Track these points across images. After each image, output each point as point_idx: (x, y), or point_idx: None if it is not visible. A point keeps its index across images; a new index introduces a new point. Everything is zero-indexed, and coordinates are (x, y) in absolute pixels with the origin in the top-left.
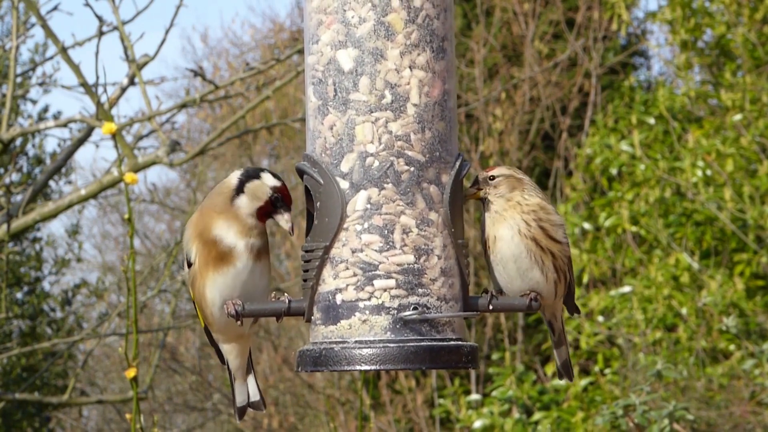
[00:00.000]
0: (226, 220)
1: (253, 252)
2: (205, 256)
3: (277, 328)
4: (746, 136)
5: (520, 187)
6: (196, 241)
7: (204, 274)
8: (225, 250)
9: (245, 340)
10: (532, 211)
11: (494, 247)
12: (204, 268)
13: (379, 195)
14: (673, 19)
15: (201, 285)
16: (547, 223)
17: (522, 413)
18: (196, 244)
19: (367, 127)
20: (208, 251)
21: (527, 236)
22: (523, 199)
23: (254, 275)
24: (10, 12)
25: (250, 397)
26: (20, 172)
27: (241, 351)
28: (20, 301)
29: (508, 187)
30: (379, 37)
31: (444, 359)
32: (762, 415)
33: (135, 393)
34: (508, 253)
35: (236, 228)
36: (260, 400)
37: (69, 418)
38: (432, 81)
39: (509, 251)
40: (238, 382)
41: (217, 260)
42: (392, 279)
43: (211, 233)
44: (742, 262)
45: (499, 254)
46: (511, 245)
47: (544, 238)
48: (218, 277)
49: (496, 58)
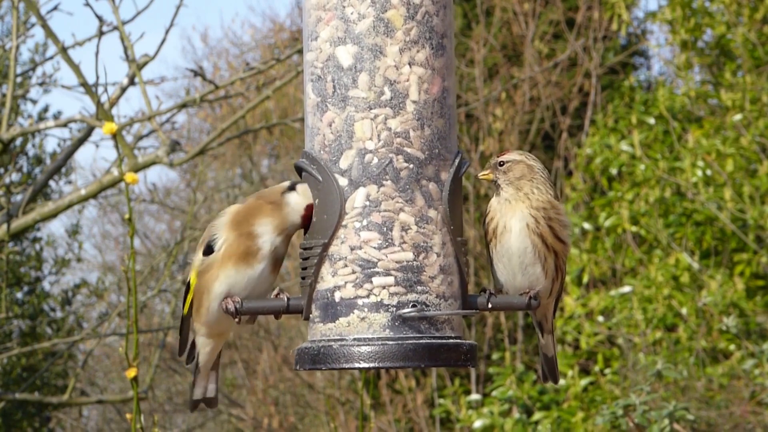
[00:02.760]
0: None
1: (274, 258)
2: (233, 249)
3: (277, 328)
4: (746, 136)
5: (529, 176)
6: (231, 229)
7: (223, 266)
8: (254, 248)
9: (223, 338)
10: (543, 208)
11: (501, 237)
12: (226, 260)
13: (378, 192)
14: (673, 19)
15: (213, 276)
16: (556, 222)
17: (522, 413)
18: (227, 233)
19: (366, 124)
20: (237, 245)
21: (536, 232)
22: (532, 193)
23: (263, 281)
24: (10, 12)
25: (208, 392)
26: (20, 172)
27: (215, 347)
28: (20, 301)
29: (518, 173)
30: (378, 33)
31: (443, 357)
32: (762, 415)
33: (135, 393)
34: (515, 247)
35: (276, 222)
36: (215, 398)
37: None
38: (431, 78)
39: (516, 245)
40: (202, 375)
41: (241, 257)
42: (391, 276)
43: (252, 226)
44: (742, 262)
45: (505, 246)
46: (518, 239)
47: (551, 236)
48: (235, 273)
49: (496, 58)
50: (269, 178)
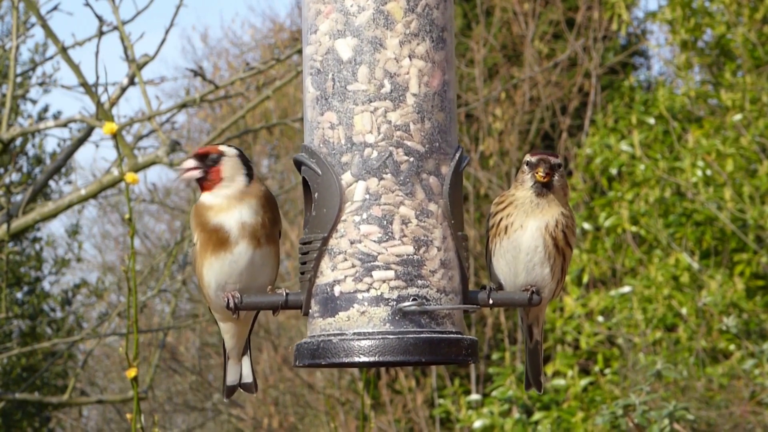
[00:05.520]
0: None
1: (248, 232)
2: (205, 240)
3: (277, 327)
4: (746, 136)
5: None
6: (197, 227)
7: (203, 256)
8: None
9: (243, 323)
10: (566, 216)
11: (511, 232)
12: (204, 250)
13: (378, 185)
14: (673, 19)
15: (200, 265)
16: (569, 229)
17: (522, 413)
18: (197, 230)
19: (366, 117)
20: (208, 237)
21: (551, 234)
22: (563, 199)
23: (253, 259)
24: (10, 12)
25: (243, 378)
26: (20, 172)
27: (238, 332)
28: (20, 301)
29: (565, 179)
30: (378, 26)
31: (444, 351)
32: (762, 415)
33: (135, 393)
34: (526, 244)
35: (226, 192)
36: (252, 383)
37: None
38: (431, 71)
39: (527, 242)
40: (232, 361)
41: (216, 245)
42: (391, 270)
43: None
44: (742, 262)
45: (513, 242)
46: (531, 237)
47: (562, 240)
48: (215, 260)
49: (496, 58)
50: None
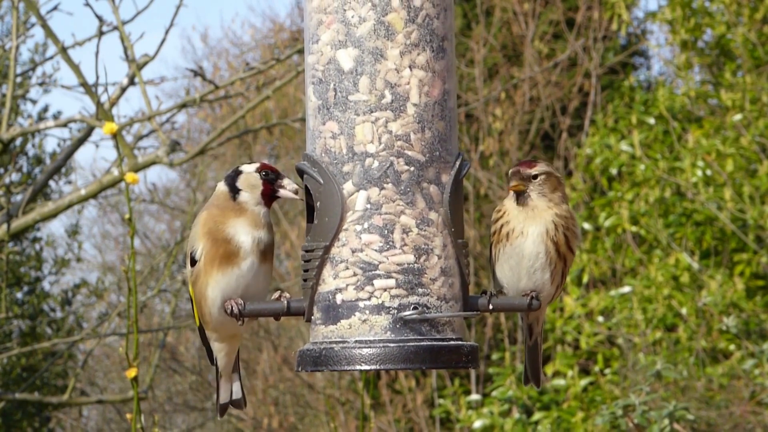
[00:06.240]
0: (237, 217)
1: (260, 251)
2: (212, 254)
3: (277, 328)
4: (746, 136)
5: (560, 188)
6: (205, 238)
7: (208, 272)
8: (233, 249)
9: (236, 339)
10: (564, 217)
11: (512, 239)
12: (209, 266)
13: (379, 195)
14: (673, 19)
15: (203, 283)
16: (570, 232)
17: (522, 413)
18: (204, 241)
19: (367, 127)
20: (216, 249)
21: (552, 240)
22: (560, 205)
23: (258, 277)
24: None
25: (233, 394)
26: (20, 172)
27: (231, 350)
28: (20, 301)
29: (551, 186)
30: (379, 36)
31: (444, 359)
32: (762, 415)
33: (135, 393)
34: (528, 251)
35: (247, 221)
36: (242, 399)
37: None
38: (432, 81)
39: (530, 249)
40: (224, 380)
41: (224, 259)
42: (392, 279)
43: (224, 230)
44: (742, 262)
45: (517, 249)
46: (534, 243)
47: (564, 245)
48: (222, 277)
49: (496, 58)
50: None
